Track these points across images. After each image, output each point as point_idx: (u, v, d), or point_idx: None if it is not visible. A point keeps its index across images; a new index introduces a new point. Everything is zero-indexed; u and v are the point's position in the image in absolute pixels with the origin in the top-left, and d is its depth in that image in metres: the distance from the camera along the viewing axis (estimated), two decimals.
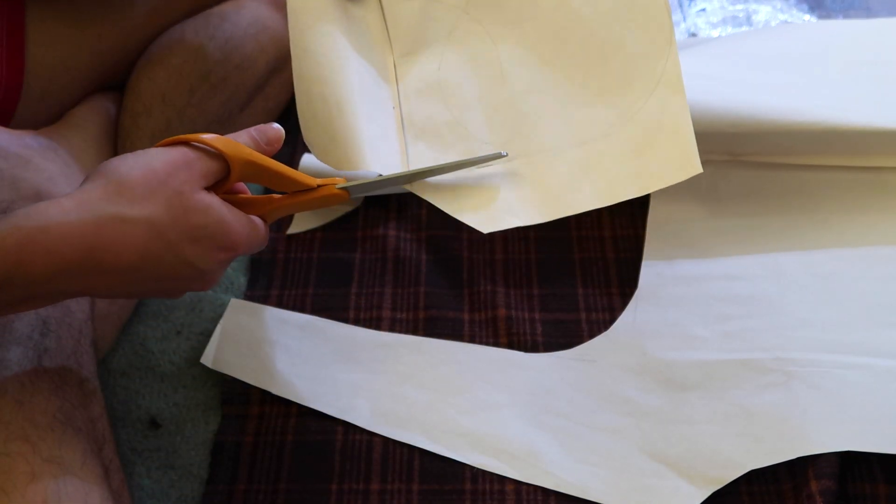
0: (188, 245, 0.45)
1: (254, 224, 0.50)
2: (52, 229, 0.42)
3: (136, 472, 0.57)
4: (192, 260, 0.46)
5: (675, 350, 0.60)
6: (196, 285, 0.49)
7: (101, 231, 0.43)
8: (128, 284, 0.46)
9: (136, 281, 0.45)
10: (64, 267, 0.42)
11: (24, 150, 0.60)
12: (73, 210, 0.43)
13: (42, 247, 0.42)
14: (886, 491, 0.53)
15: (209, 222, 0.46)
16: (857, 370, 0.56)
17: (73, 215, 0.42)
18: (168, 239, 0.44)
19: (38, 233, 0.42)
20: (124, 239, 0.43)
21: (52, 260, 0.42)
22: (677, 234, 0.66)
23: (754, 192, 0.68)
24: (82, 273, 0.43)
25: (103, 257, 0.43)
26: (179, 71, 0.67)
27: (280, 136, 0.52)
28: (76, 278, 0.43)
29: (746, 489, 0.54)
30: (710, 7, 0.90)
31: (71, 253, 0.42)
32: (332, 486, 0.56)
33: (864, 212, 0.65)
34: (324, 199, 0.53)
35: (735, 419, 0.56)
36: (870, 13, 0.88)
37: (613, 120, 0.54)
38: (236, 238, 0.47)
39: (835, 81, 0.67)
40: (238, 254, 0.49)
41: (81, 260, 0.42)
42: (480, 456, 0.56)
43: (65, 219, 0.42)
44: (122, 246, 0.43)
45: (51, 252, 0.42)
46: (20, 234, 0.41)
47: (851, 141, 0.65)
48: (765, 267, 0.63)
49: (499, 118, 0.57)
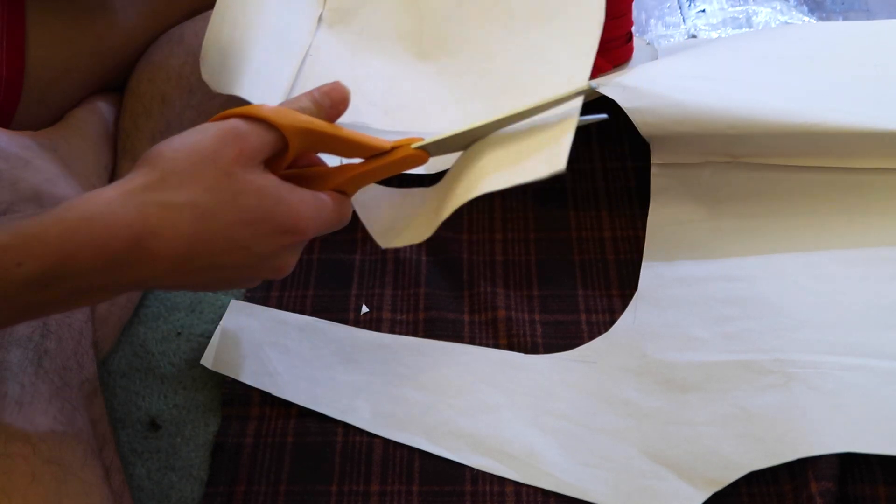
0: (241, 229, 0.43)
1: (322, 202, 0.46)
2: (97, 219, 0.40)
3: (136, 473, 0.57)
4: (247, 244, 0.44)
5: (675, 351, 0.60)
6: (265, 273, 0.46)
7: (147, 219, 0.41)
8: (185, 275, 0.43)
9: (193, 271, 0.43)
10: (112, 258, 0.41)
11: (24, 150, 0.60)
12: (117, 199, 0.41)
13: (87, 237, 0.40)
14: (886, 492, 0.53)
15: (262, 203, 0.43)
16: (858, 371, 0.56)
17: (117, 205, 0.41)
18: (217, 223, 0.42)
19: (83, 223, 0.40)
20: (170, 225, 0.42)
21: (99, 251, 0.40)
22: (677, 235, 0.66)
23: (754, 194, 0.68)
24: (133, 264, 0.42)
25: (152, 246, 0.41)
26: (179, 72, 0.67)
27: (346, 96, 0.48)
28: (128, 270, 0.42)
29: (746, 490, 0.54)
30: (710, 9, 0.90)
31: (118, 243, 0.41)
32: (332, 487, 0.56)
33: (865, 213, 0.65)
34: (402, 162, 0.48)
35: (735, 420, 0.56)
36: (869, 14, 0.88)
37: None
38: (298, 219, 0.44)
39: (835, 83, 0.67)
40: (307, 235, 0.46)
41: (130, 250, 0.41)
42: (480, 457, 0.56)
43: (108, 209, 0.41)
44: (169, 233, 0.42)
45: (97, 243, 0.40)
46: (64, 226, 0.40)
47: (852, 142, 0.65)
48: (765, 268, 0.63)
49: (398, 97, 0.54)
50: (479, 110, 0.53)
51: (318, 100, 0.47)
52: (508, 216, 0.71)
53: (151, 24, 0.70)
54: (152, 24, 0.70)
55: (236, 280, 0.46)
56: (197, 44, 0.69)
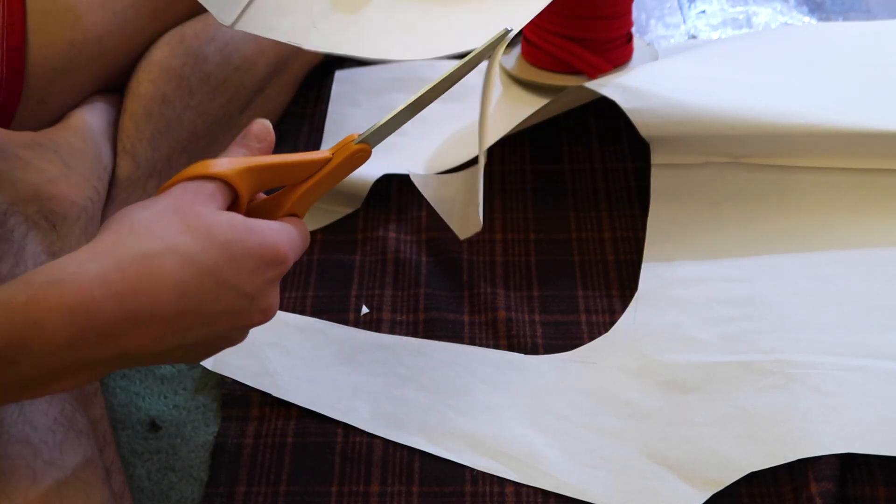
0: (226, 266, 0.39)
1: (287, 226, 0.44)
2: (68, 281, 0.36)
3: (136, 474, 0.57)
4: (235, 283, 0.40)
5: (675, 352, 0.60)
6: (256, 317, 0.42)
7: (126, 274, 0.37)
8: (178, 334, 0.39)
9: (186, 327, 0.39)
10: (90, 326, 0.36)
11: (24, 151, 0.60)
12: (89, 260, 0.37)
13: (58, 303, 0.35)
14: (886, 493, 0.53)
15: (237, 235, 0.40)
16: (857, 372, 0.56)
17: (89, 265, 0.36)
18: (201, 264, 0.38)
19: (51, 287, 0.35)
20: (154, 277, 0.37)
21: (72, 317, 0.35)
22: (677, 235, 0.66)
23: (754, 194, 0.68)
24: (117, 330, 0.36)
25: (137, 305, 0.37)
26: (179, 73, 0.67)
27: (265, 128, 0.47)
28: (111, 339, 0.37)
29: (747, 491, 0.54)
30: (710, 9, 0.91)
31: (97, 307, 0.36)
32: (332, 487, 0.56)
33: (865, 214, 0.65)
34: (346, 164, 0.47)
35: (735, 421, 0.56)
36: (870, 15, 0.89)
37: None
38: (276, 247, 0.42)
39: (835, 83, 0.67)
40: (289, 263, 0.43)
41: (111, 313, 0.36)
42: (480, 458, 0.56)
43: (80, 269, 0.36)
44: (154, 286, 0.37)
45: (70, 308, 0.35)
46: (30, 292, 0.35)
47: (852, 143, 0.65)
48: (765, 269, 0.63)
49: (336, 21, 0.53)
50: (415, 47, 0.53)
51: (246, 143, 0.46)
52: (508, 217, 0.71)
53: (151, 25, 0.70)
54: (152, 24, 0.70)
55: (232, 331, 0.42)
56: (197, 44, 0.69)
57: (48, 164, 0.61)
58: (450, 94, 0.81)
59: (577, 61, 0.76)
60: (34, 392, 0.38)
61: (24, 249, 0.55)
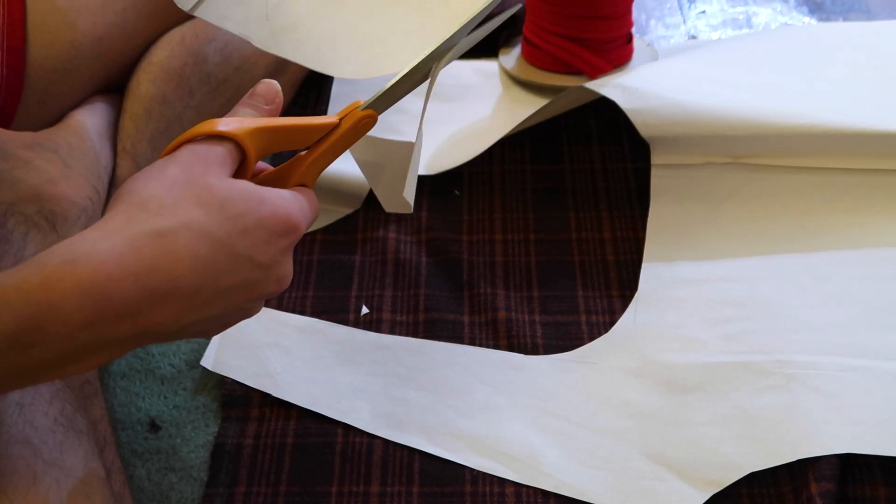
0: (239, 238, 0.39)
1: (297, 195, 0.43)
2: (81, 261, 0.35)
3: (136, 474, 0.57)
4: (250, 254, 0.40)
5: (675, 352, 0.60)
6: (271, 287, 0.42)
7: (141, 253, 0.36)
8: (195, 310, 0.39)
9: (204, 302, 0.39)
10: (107, 305, 0.35)
11: (24, 151, 0.60)
12: (102, 238, 0.36)
13: (73, 283, 0.35)
14: (886, 493, 0.53)
15: (249, 206, 0.40)
16: (858, 372, 0.56)
17: (102, 244, 0.36)
18: (216, 238, 0.38)
19: (65, 267, 0.35)
20: (169, 254, 0.37)
21: (87, 297, 0.35)
22: (677, 235, 0.66)
23: (754, 195, 0.68)
24: (135, 310, 0.36)
25: (153, 282, 0.36)
26: (180, 73, 0.68)
27: (275, 89, 0.46)
28: (128, 318, 0.36)
29: (747, 491, 0.54)
30: (710, 9, 0.91)
31: (113, 287, 0.35)
32: (332, 488, 0.56)
33: (865, 214, 0.65)
34: (353, 131, 0.47)
35: (735, 421, 0.56)
36: (870, 15, 0.89)
37: None
38: (287, 215, 0.41)
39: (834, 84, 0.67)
40: (300, 231, 0.42)
41: (128, 293, 0.36)
42: (480, 458, 0.56)
43: (93, 248, 0.36)
44: (169, 263, 0.37)
45: (83, 287, 0.35)
46: (44, 273, 0.35)
47: (851, 143, 0.65)
48: (765, 269, 0.63)
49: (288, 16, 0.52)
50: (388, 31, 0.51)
51: (254, 104, 0.46)
52: (508, 217, 0.71)
53: (152, 25, 0.70)
54: (152, 24, 0.70)
55: (247, 303, 0.42)
56: (197, 45, 0.69)
57: (48, 164, 0.61)
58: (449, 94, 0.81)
59: (577, 61, 0.76)
60: (50, 375, 0.38)
61: (25, 249, 0.55)
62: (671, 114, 0.65)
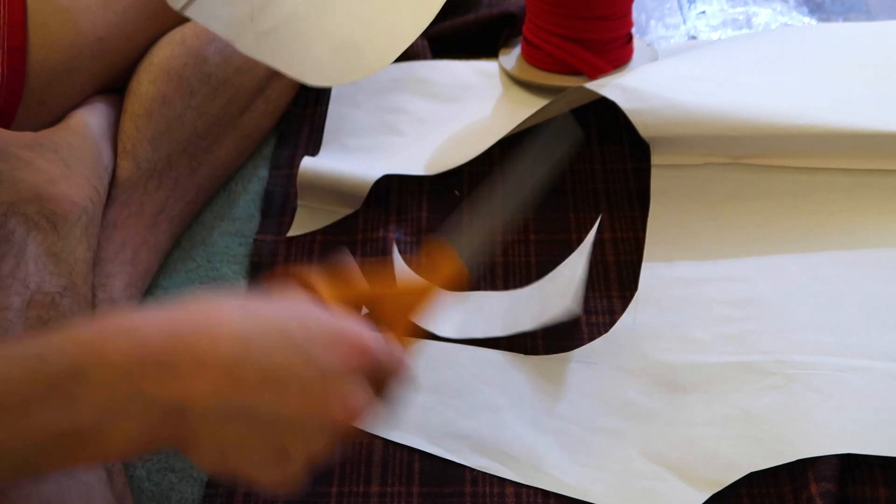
0: (297, 328, 0.38)
1: (376, 332, 0.41)
2: (133, 315, 0.37)
3: (136, 474, 0.57)
4: (306, 348, 0.37)
5: (676, 353, 0.60)
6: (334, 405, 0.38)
7: (190, 315, 0.37)
8: (239, 389, 0.36)
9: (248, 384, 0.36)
10: (148, 353, 0.35)
11: (25, 151, 0.60)
12: (155, 309, 0.38)
13: (117, 328, 0.36)
14: (886, 494, 0.53)
15: (315, 313, 0.39)
16: (858, 373, 0.56)
17: (155, 312, 0.37)
18: (268, 319, 0.38)
19: (115, 321, 0.37)
20: (218, 320, 0.37)
21: (132, 342, 0.35)
22: (677, 236, 0.66)
23: (754, 195, 0.68)
24: (174, 366, 0.35)
25: (196, 341, 0.36)
26: (180, 74, 0.68)
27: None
28: (168, 372, 0.35)
29: (746, 492, 0.54)
30: (710, 10, 0.91)
31: (156, 335, 0.36)
32: (332, 488, 0.56)
33: (865, 214, 0.65)
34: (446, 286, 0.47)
35: (735, 422, 0.56)
36: (870, 15, 0.89)
37: None
38: (355, 331, 0.39)
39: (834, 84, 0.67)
40: (369, 357, 0.39)
41: (170, 344, 0.36)
42: (481, 458, 0.56)
43: (147, 312, 0.38)
44: (215, 328, 0.36)
45: (129, 332, 0.36)
46: (95, 325, 0.36)
47: (851, 144, 0.65)
48: (765, 269, 0.63)
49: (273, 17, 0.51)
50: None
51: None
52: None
53: (152, 25, 0.70)
54: (153, 25, 0.70)
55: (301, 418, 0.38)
56: (198, 45, 0.69)
57: (49, 164, 0.61)
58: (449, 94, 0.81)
59: (577, 62, 0.76)
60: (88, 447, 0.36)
61: (25, 250, 0.55)
62: (671, 114, 0.65)
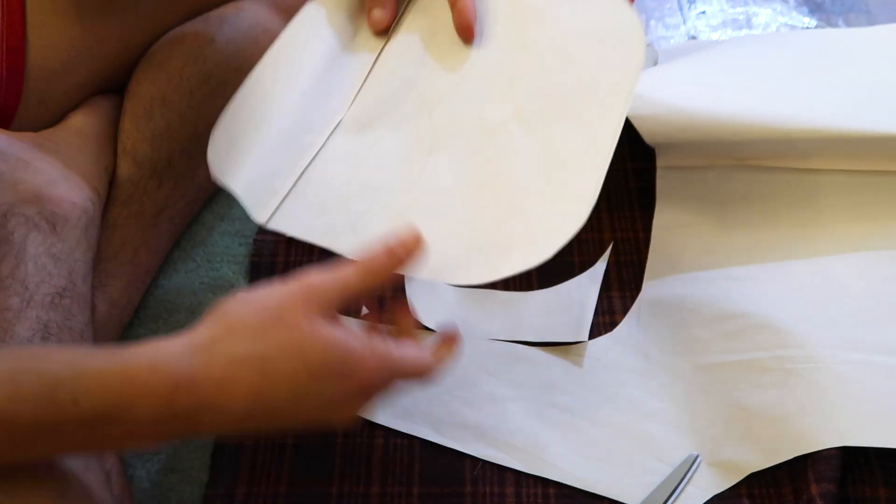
0: (305, 379, 0.43)
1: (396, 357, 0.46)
2: (161, 370, 0.41)
3: (136, 475, 0.57)
4: (313, 393, 0.44)
5: (677, 353, 0.60)
6: (334, 421, 0.46)
7: (211, 373, 0.41)
8: (244, 424, 0.43)
9: (256, 424, 0.44)
10: (171, 413, 0.41)
11: (24, 152, 0.60)
12: (184, 353, 0.42)
13: (148, 387, 0.40)
14: (886, 494, 0.53)
15: (328, 358, 0.43)
16: (855, 366, 0.56)
17: (183, 359, 0.41)
18: (280, 376, 0.42)
19: (145, 372, 0.41)
20: (235, 381, 0.42)
21: (159, 402, 0.40)
22: (682, 236, 0.67)
23: (757, 195, 0.68)
24: (193, 418, 0.42)
25: (215, 401, 0.41)
26: (180, 74, 0.67)
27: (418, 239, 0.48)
28: (186, 422, 0.42)
29: (747, 492, 0.54)
30: (710, 10, 0.90)
31: (180, 400, 0.41)
32: (332, 489, 0.56)
33: (866, 214, 0.65)
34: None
35: (736, 421, 0.56)
36: (870, 16, 0.89)
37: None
38: (364, 372, 0.44)
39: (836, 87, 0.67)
40: (372, 387, 0.45)
41: (191, 406, 0.41)
42: (485, 448, 0.57)
43: (174, 360, 0.41)
44: (233, 388, 0.42)
45: (158, 393, 0.40)
46: (127, 373, 0.40)
47: (853, 146, 0.65)
48: (767, 268, 0.63)
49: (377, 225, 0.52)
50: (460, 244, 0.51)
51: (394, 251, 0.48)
52: None
53: (152, 26, 0.70)
54: (153, 25, 0.70)
55: (301, 428, 0.46)
56: (197, 45, 0.69)
57: (49, 165, 0.61)
58: None
59: None
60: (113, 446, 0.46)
61: (25, 251, 0.55)
62: (675, 120, 0.65)
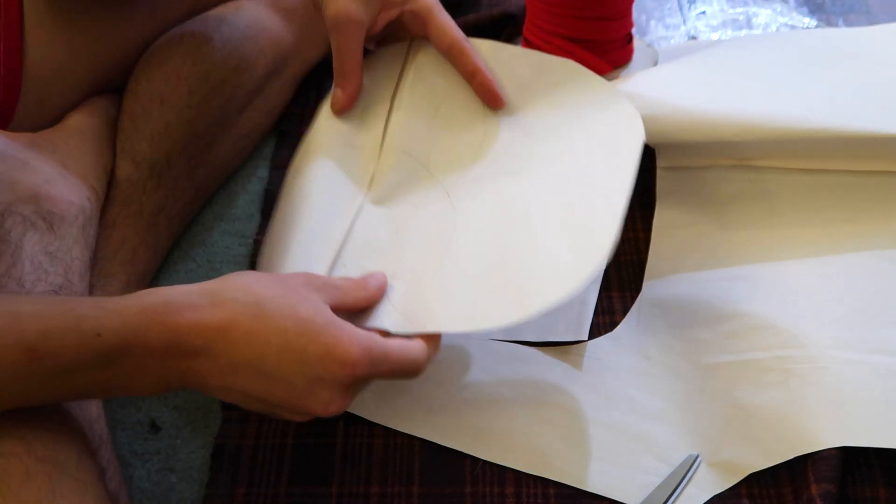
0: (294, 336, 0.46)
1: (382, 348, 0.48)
2: (174, 302, 0.44)
3: (136, 475, 0.57)
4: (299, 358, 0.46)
5: (677, 353, 0.60)
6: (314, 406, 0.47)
7: (216, 313, 0.45)
8: (236, 377, 0.46)
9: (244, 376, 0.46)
10: (177, 345, 0.44)
11: (22, 152, 0.60)
12: (194, 292, 0.46)
13: (161, 320, 0.44)
14: (886, 494, 0.53)
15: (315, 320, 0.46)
16: (856, 366, 0.56)
17: (193, 296, 0.45)
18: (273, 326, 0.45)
19: (161, 306, 0.44)
20: (234, 325, 0.45)
21: (169, 335, 0.44)
22: (682, 236, 0.67)
23: (757, 195, 0.68)
24: (194, 356, 0.44)
25: (214, 344, 0.44)
26: (178, 73, 0.67)
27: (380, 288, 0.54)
28: (187, 357, 0.44)
29: (747, 492, 0.54)
30: (710, 10, 0.90)
31: (187, 333, 0.44)
32: (332, 489, 0.56)
33: (866, 214, 0.65)
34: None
35: (736, 421, 0.56)
36: (870, 15, 0.89)
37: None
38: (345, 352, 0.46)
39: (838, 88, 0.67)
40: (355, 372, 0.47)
41: (195, 342, 0.44)
42: (486, 448, 0.57)
43: (185, 298, 0.45)
44: (232, 333, 0.45)
45: (169, 327, 0.44)
46: (144, 306, 0.44)
47: (854, 146, 0.65)
48: (767, 267, 0.63)
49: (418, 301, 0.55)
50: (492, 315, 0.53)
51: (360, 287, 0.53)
52: None
53: (150, 26, 0.70)
54: (151, 25, 0.70)
55: (285, 405, 0.47)
56: (195, 44, 0.69)
57: (46, 164, 0.61)
58: None
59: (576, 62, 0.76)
60: (106, 392, 0.50)
61: (21, 249, 0.55)
62: (675, 121, 0.65)
